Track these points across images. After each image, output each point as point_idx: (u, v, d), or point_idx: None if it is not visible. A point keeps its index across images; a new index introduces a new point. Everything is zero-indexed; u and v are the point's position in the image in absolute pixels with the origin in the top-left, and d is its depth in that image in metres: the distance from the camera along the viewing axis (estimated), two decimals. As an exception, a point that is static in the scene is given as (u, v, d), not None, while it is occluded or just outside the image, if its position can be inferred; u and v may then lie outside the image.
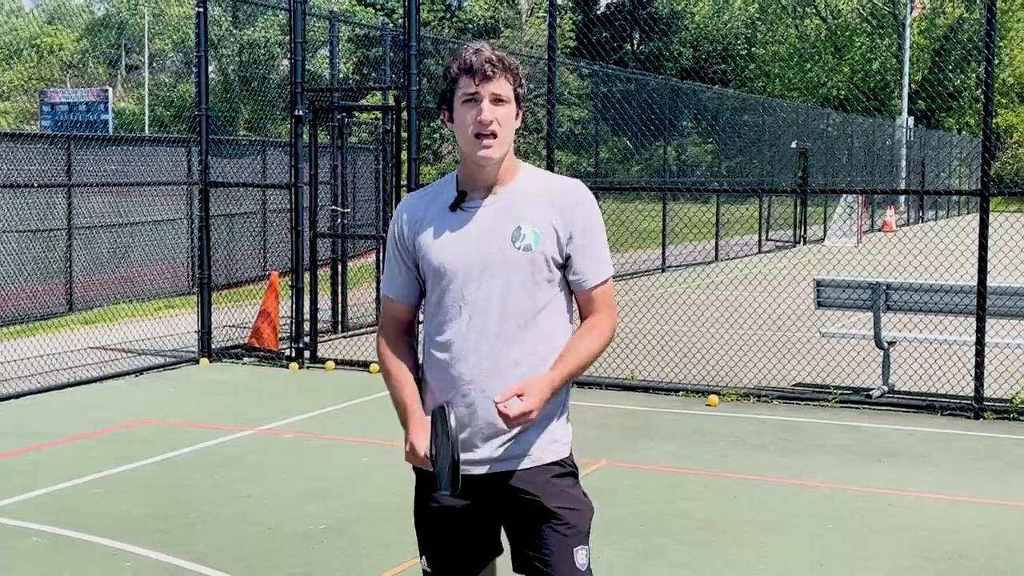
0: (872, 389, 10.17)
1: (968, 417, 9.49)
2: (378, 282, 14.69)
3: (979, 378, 9.53)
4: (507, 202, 3.27)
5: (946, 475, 7.78)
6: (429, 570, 3.39)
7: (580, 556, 3.28)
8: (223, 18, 58.52)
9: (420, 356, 3.44)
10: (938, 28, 57.83)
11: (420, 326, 3.49)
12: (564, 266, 3.29)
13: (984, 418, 9.43)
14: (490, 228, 3.24)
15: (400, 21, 52.97)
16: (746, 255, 26.28)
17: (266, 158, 21.43)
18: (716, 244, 25.75)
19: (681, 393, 10.39)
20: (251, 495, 7.19)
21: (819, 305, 10.56)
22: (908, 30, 50.32)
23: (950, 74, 56.65)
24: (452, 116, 3.26)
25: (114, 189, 17.20)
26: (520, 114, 3.27)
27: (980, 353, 9.54)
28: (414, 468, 3.39)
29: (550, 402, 3.21)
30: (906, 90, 48.89)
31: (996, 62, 45.40)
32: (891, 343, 10.32)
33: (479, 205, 3.28)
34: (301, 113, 11.59)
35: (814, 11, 60.24)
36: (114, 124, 45.20)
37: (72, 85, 59.47)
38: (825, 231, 32.47)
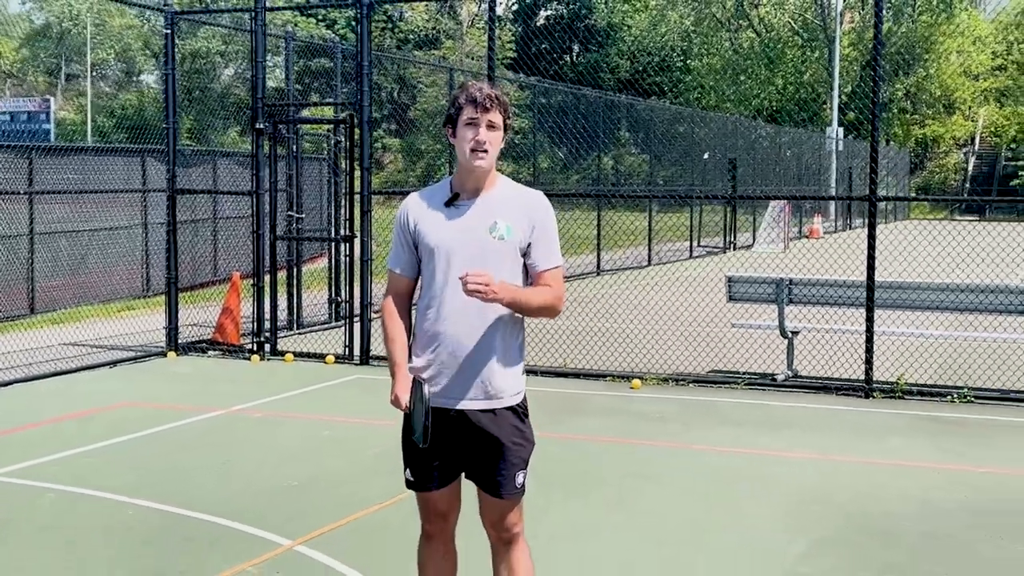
0: (777, 374, 11.42)
1: (860, 396, 10.75)
2: (329, 284, 15.77)
3: (869, 362, 10.80)
4: (488, 203, 4.35)
5: (833, 441, 9.01)
6: (412, 479, 4.45)
7: (520, 478, 4.41)
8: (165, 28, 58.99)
9: (413, 319, 4.46)
10: (867, 41, 59.52)
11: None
12: (526, 253, 4.37)
13: (874, 397, 10.71)
14: (475, 220, 4.31)
15: (341, 31, 53.25)
16: (678, 260, 27.58)
17: (216, 167, 22.36)
18: (649, 249, 27.05)
19: (608, 378, 11.57)
20: (229, 460, 8.27)
21: (730, 299, 11.80)
22: (838, 43, 51.97)
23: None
24: (455, 133, 4.33)
25: (73, 197, 18.09)
26: (504, 137, 4.36)
27: (870, 340, 10.82)
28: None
29: (502, 299, 4.15)
30: (836, 101, 50.49)
31: (923, 74, 46.46)
32: (794, 333, 11.57)
33: (467, 203, 4.34)
34: (262, 126, 12.63)
35: (748, 24, 61.89)
36: (55, 133, 45.62)
37: (11, 94, 59.65)
38: (754, 238, 33.92)
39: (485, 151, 4.29)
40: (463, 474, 4.47)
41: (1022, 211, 50.84)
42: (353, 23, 58.62)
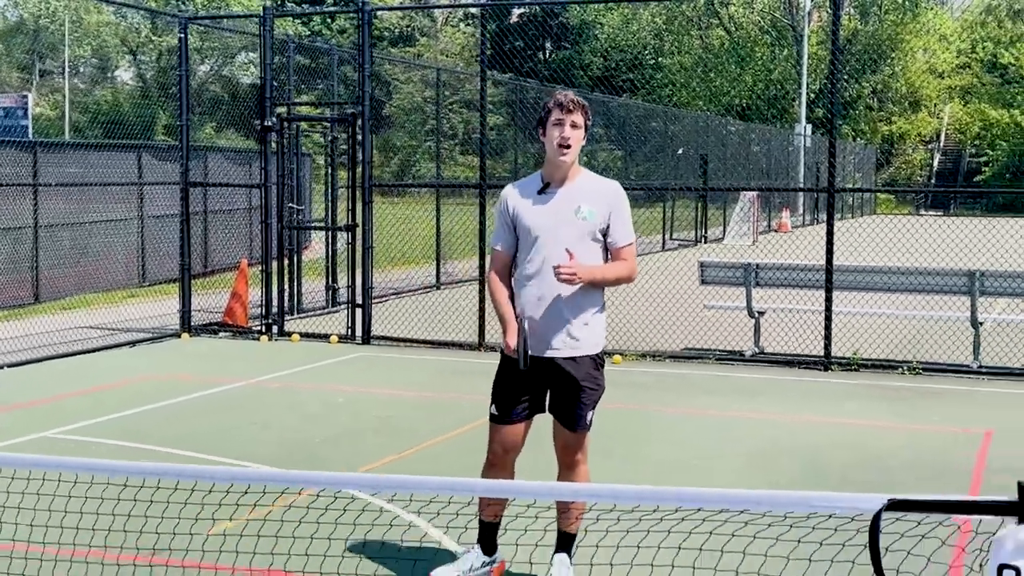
0: (745, 350, 12.52)
1: (820, 369, 11.87)
2: (326, 271, 16.78)
3: (827, 339, 11.92)
4: (572, 191, 5.36)
5: (793, 405, 10.11)
6: (496, 413, 5.46)
7: (589, 415, 5.44)
8: (143, 25, 59.66)
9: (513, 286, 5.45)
10: (835, 40, 60.47)
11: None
12: (605, 233, 5.38)
13: (832, 370, 11.82)
14: (563, 204, 5.33)
15: (317, 28, 53.53)
16: (651, 252, 28.67)
17: (207, 162, 23.23)
18: (624, 242, 28.06)
19: (591, 355, 12.61)
20: (257, 422, 9.29)
21: (703, 282, 12.90)
22: (806, 41, 53.15)
23: (846, 83, 59.63)
24: (544, 132, 5.32)
25: (73, 191, 18.98)
26: (585, 136, 5.34)
27: (828, 319, 11.93)
28: (501, 352, 5.45)
29: (585, 281, 5.16)
30: (804, 99, 51.67)
31: (890, 72, 47.59)
32: (760, 312, 12.68)
33: (555, 191, 5.37)
34: (270, 123, 13.62)
35: (718, 23, 63.03)
36: (32, 129, 46.12)
37: (-16, 90, 60.07)
38: (724, 232, 35.07)
39: (569, 146, 5.30)
40: (540, 413, 5.45)
41: (985, 206, 52.37)
42: (328, 20, 59.53)
